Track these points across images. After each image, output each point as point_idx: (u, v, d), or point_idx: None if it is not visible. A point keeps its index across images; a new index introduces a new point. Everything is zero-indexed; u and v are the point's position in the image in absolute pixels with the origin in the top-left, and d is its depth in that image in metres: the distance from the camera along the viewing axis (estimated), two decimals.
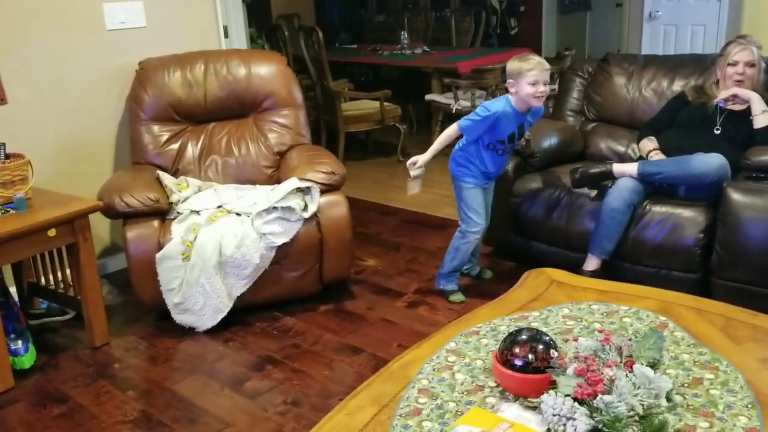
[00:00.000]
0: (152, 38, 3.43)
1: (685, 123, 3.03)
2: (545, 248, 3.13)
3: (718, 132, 2.92)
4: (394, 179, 4.97)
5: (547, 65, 2.68)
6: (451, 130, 2.82)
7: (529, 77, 2.63)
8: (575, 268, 2.74)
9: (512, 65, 2.70)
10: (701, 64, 3.33)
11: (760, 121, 2.82)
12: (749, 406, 1.41)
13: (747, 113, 2.88)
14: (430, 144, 4.20)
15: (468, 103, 5.22)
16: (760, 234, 2.52)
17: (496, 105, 2.73)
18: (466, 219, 2.91)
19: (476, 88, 5.28)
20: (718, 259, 2.64)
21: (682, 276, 2.75)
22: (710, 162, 2.69)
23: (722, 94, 2.92)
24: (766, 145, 2.77)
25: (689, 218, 2.72)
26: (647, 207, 2.81)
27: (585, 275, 2.66)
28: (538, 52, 6.70)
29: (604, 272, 2.83)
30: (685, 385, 1.49)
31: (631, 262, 2.87)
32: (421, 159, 2.83)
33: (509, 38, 7.40)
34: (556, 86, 4.47)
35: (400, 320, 2.86)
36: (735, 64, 2.93)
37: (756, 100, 2.85)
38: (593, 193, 2.95)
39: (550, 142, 3.34)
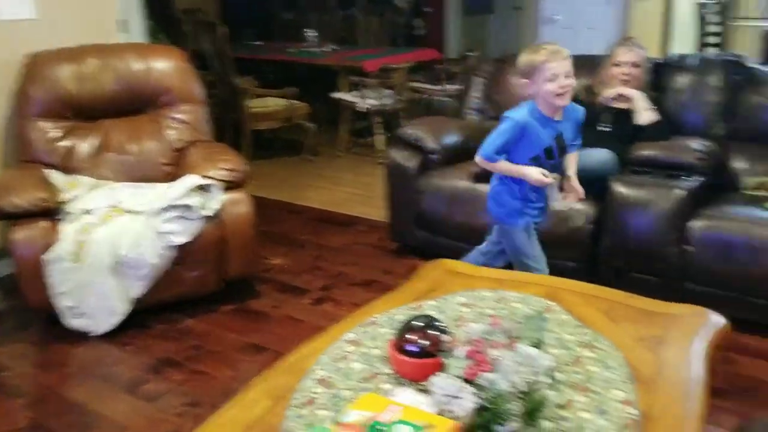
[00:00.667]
0: (44, 31, 3.27)
1: None
2: (449, 243, 3.21)
3: (606, 129, 3.07)
4: (302, 177, 4.95)
5: (564, 52, 2.23)
6: (483, 163, 2.37)
7: (545, 71, 2.19)
8: None
9: (523, 60, 2.26)
10: (591, 65, 3.50)
11: (643, 118, 3.00)
12: (625, 380, 1.50)
13: (632, 111, 3.05)
14: (339, 141, 4.12)
15: (375, 102, 5.27)
16: (641, 224, 2.68)
17: (519, 113, 2.29)
18: (525, 268, 2.44)
19: (383, 87, 5.34)
20: (605, 247, 2.80)
21: (573, 264, 2.89)
22: (598, 157, 2.84)
23: (608, 93, 3.08)
24: (649, 141, 2.95)
25: (578, 210, 2.86)
26: None
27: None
28: (443, 53, 6.87)
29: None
30: (568, 363, 1.56)
31: None
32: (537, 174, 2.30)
33: (415, 38, 7.51)
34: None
35: (306, 317, 2.86)
36: (620, 64, 3.10)
37: (639, 99, 3.02)
38: None
39: (452, 139, 3.43)
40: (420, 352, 1.49)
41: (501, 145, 2.30)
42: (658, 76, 3.25)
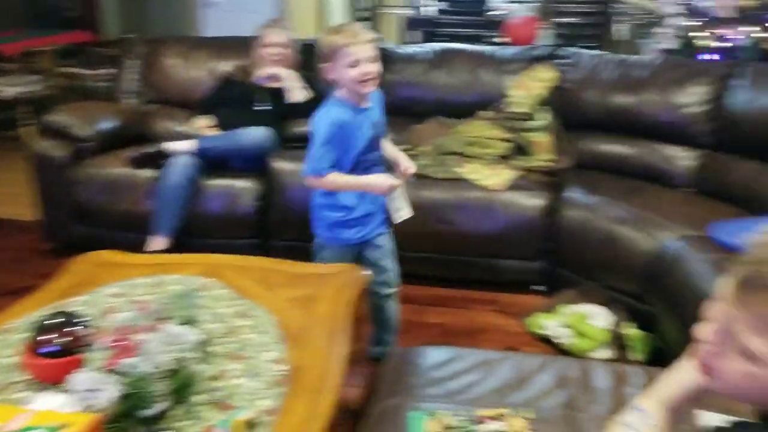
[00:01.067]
0: None
1: (234, 101, 3.21)
2: (112, 234, 3.02)
3: (263, 108, 3.17)
4: None
5: (367, 35, 1.96)
6: (316, 182, 2.04)
7: (346, 56, 1.92)
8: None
9: (324, 42, 1.97)
10: (246, 46, 3.56)
11: (296, 96, 3.16)
12: (277, 341, 1.58)
13: (286, 90, 3.18)
14: None
15: (20, 89, 4.70)
16: (301, 195, 2.82)
17: (331, 111, 2.00)
18: None
19: (29, 73, 4.79)
20: (273, 222, 2.90)
21: (245, 242, 2.95)
22: (254, 135, 2.92)
23: (261, 73, 3.18)
24: (303, 117, 3.10)
25: (244, 188, 2.92)
26: (206, 181, 2.92)
27: None
28: (99, 35, 6.38)
29: (175, 250, 2.86)
30: (223, 335, 1.59)
31: (198, 236, 2.95)
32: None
33: (68, 20, 6.84)
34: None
35: None
36: (269, 45, 3.22)
37: (291, 78, 3.17)
38: (154, 173, 2.94)
39: (108, 125, 3.22)
40: (58, 352, 1.37)
41: (332, 156, 1.98)
42: (310, 56, 3.44)
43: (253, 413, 1.30)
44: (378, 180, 2.01)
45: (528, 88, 3.24)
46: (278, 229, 2.92)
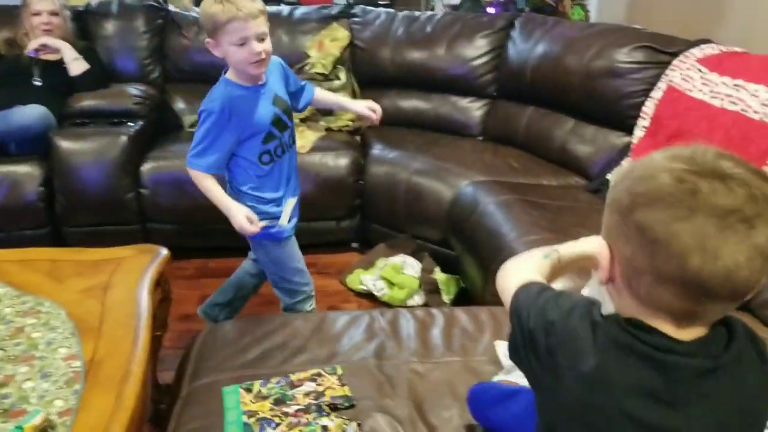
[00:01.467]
0: None
1: (2, 77, 2.88)
2: None
3: (39, 83, 2.87)
4: None
5: (255, 6, 1.66)
6: (193, 176, 1.80)
7: (230, 34, 1.64)
8: None
9: (204, 14, 1.67)
10: (11, 15, 3.19)
11: (74, 68, 2.89)
12: (69, 336, 1.46)
13: (63, 62, 2.91)
14: None
15: None
16: (92, 175, 2.63)
17: (215, 97, 1.74)
18: (291, 285, 1.99)
19: None
20: (62, 208, 2.67)
21: (33, 233, 2.69)
22: (30, 114, 2.65)
23: (32, 45, 2.88)
24: (84, 91, 2.87)
25: (26, 174, 2.65)
26: None
27: None
28: None
29: None
30: (7, 337, 1.45)
31: None
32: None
33: None
34: None
35: None
36: (38, 14, 2.91)
37: (66, 49, 2.90)
38: None
39: None
40: None
41: (213, 157, 1.75)
42: (84, 24, 3.17)
43: (46, 416, 1.20)
44: (238, 215, 1.79)
45: (325, 48, 3.24)
46: (69, 215, 2.69)
